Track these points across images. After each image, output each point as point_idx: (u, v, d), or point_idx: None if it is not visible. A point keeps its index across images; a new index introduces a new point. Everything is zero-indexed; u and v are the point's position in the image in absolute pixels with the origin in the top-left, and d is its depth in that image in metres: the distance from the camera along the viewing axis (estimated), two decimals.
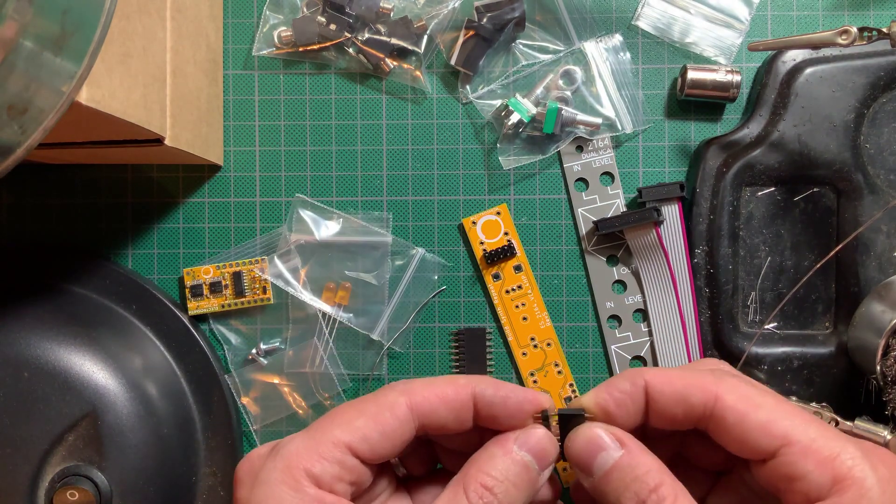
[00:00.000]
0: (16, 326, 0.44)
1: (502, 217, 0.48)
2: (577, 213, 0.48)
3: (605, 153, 0.48)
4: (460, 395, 0.33)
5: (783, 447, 0.30)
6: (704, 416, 0.32)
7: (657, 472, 0.31)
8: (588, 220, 0.48)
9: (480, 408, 0.33)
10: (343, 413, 0.32)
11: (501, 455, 0.32)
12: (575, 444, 0.33)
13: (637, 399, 0.33)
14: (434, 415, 0.33)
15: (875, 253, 0.45)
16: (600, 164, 0.48)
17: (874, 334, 0.43)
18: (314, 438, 0.32)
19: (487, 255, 0.48)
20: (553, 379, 0.48)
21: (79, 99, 0.31)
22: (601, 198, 0.48)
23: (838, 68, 0.45)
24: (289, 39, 0.48)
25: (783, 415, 0.31)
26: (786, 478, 0.30)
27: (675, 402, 0.32)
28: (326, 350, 0.48)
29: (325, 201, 0.49)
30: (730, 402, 0.31)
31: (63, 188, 0.49)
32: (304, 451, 0.31)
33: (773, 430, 0.30)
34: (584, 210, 0.48)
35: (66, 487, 0.42)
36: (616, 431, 0.32)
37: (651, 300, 0.47)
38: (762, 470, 0.31)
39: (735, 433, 0.31)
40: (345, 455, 0.31)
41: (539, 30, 0.48)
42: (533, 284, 0.48)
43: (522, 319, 0.48)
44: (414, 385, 0.33)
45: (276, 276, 0.48)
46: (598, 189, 0.48)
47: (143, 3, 0.37)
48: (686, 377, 0.32)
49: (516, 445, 0.33)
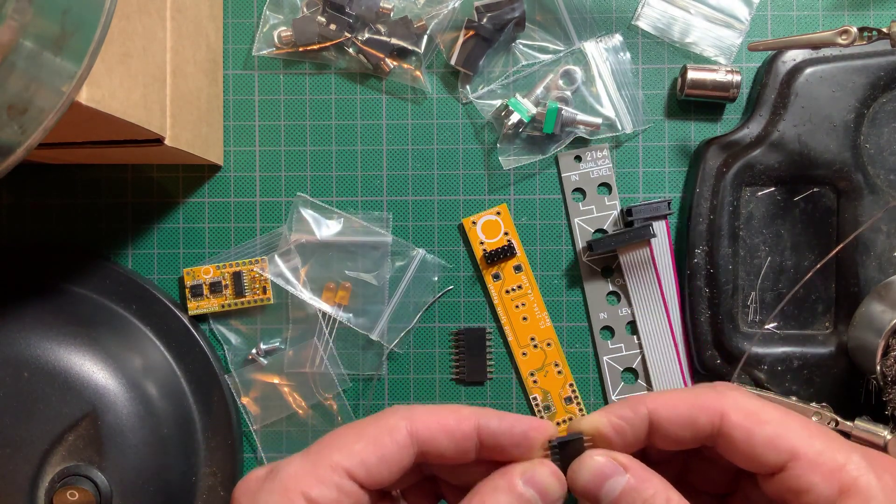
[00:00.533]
0: (16, 326, 0.44)
1: (502, 217, 0.48)
2: (573, 224, 0.48)
3: (604, 164, 0.48)
4: (462, 425, 0.33)
5: (790, 461, 0.30)
6: (712, 435, 0.32)
7: (664, 490, 0.31)
8: (585, 230, 0.48)
9: (484, 438, 0.33)
10: (342, 436, 0.32)
11: (505, 489, 0.32)
12: (580, 477, 0.33)
13: (638, 426, 0.33)
14: (434, 442, 0.32)
15: (875, 253, 0.45)
16: (598, 175, 0.48)
17: (874, 334, 0.43)
18: (312, 462, 0.31)
19: (487, 255, 0.48)
20: (553, 379, 0.48)
21: (79, 99, 0.31)
22: (598, 208, 0.48)
23: (838, 68, 0.45)
24: (289, 39, 0.48)
25: (789, 428, 0.31)
26: (793, 491, 0.30)
27: (681, 426, 0.32)
28: (326, 350, 0.48)
29: (325, 201, 0.49)
30: (736, 419, 0.31)
31: (63, 188, 0.49)
32: (303, 475, 0.31)
33: (779, 444, 0.31)
34: (581, 220, 0.48)
35: (66, 487, 0.42)
36: (618, 456, 0.32)
37: (641, 316, 0.48)
38: (770, 484, 0.31)
39: (743, 450, 0.31)
40: (343, 479, 0.31)
41: (539, 30, 0.48)
42: (533, 284, 0.48)
43: (522, 319, 0.48)
44: (416, 411, 0.33)
45: (276, 276, 0.48)
46: (595, 199, 0.48)
47: (143, 3, 0.37)
48: (689, 399, 0.32)
49: (521, 480, 0.32)
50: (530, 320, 0.48)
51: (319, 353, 0.48)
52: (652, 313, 0.48)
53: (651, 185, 0.48)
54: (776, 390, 0.45)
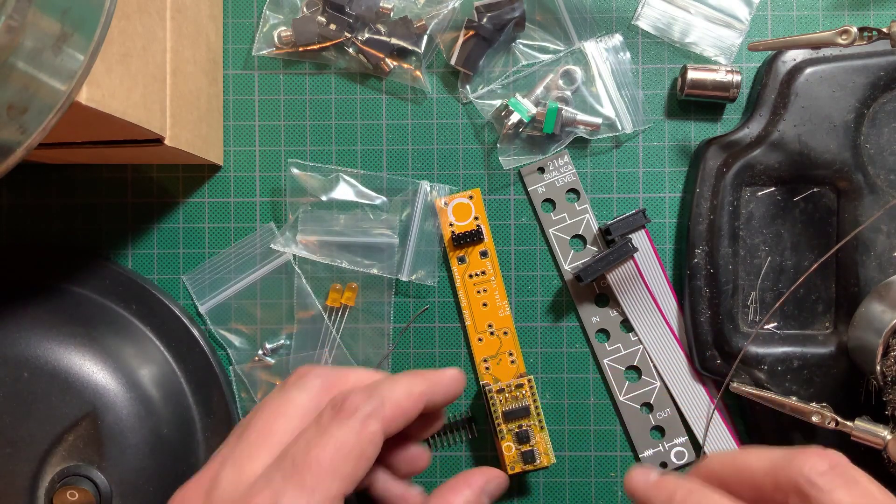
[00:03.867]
0: (16, 326, 0.44)
1: (474, 202, 0.48)
2: (549, 235, 0.48)
3: (567, 170, 0.48)
4: (418, 405, 0.34)
5: None
6: None
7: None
8: (562, 240, 0.48)
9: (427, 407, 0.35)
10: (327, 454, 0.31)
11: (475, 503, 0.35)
12: None
13: None
14: (394, 427, 0.34)
15: (875, 253, 0.45)
16: (564, 182, 0.48)
17: (874, 334, 0.43)
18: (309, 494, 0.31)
19: (455, 238, 0.48)
20: (506, 367, 0.48)
21: (79, 99, 0.31)
22: (570, 215, 0.48)
23: (838, 68, 0.45)
24: (289, 39, 0.48)
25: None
26: None
27: None
28: (332, 350, 0.48)
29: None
30: None
31: (63, 188, 0.49)
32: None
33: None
34: (556, 231, 0.48)
35: (66, 487, 0.42)
36: None
37: (638, 324, 0.48)
38: None
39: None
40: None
41: (539, 30, 0.48)
42: (497, 272, 0.48)
43: (482, 305, 0.48)
44: (384, 403, 0.33)
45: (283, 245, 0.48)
46: (565, 207, 0.48)
47: (143, 3, 0.37)
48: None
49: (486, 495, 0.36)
50: (490, 307, 0.48)
51: (326, 351, 0.48)
52: (649, 321, 0.48)
53: (651, 185, 0.48)
54: (776, 390, 0.45)
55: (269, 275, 0.48)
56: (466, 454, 0.49)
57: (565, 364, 0.49)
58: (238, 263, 0.48)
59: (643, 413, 0.48)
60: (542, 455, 0.46)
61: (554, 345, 0.48)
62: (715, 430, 0.47)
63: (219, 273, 0.48)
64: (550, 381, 0.48)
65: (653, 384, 0.48)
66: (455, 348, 0.49)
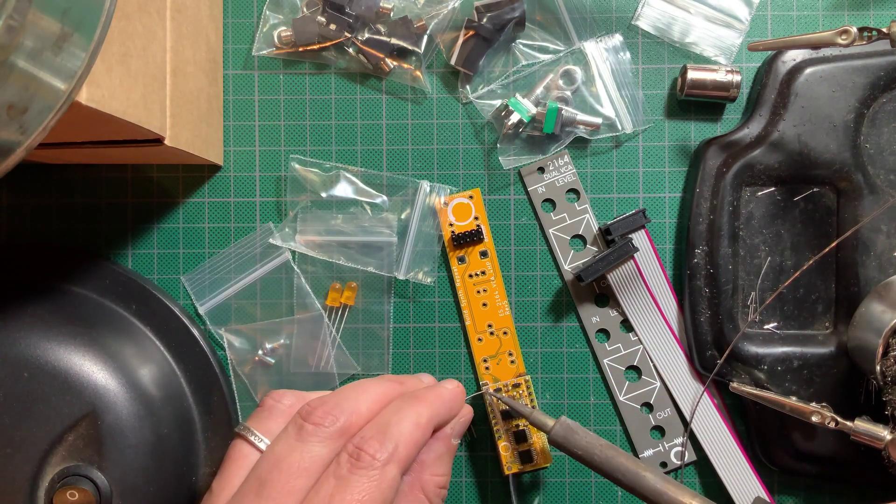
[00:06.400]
0: (16, 326, 0.44)
1: (474, 202, 0.48)
2: (549, 235, 0.48)
3: (567, 170, 0.48)
4: (427, 434, 0.36)
5: None
6: None
7: None
8: (562, 240, 0.48)
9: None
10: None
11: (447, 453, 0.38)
12: None
13: None
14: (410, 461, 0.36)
15: (875, 253, 0.45)
16: (564, 182, 0.48)
17: (874, 334, 0.43)
18: None
19: (455, 238, 0.48)
20: (505, 367, 0.48)
21: (79, 99, 0.31)
22: (570, 215, 0.48)
23: (838, 68, 0.45)
24: (289, 39, 0.48)
25: None
26: None
27: None
28: (334, 346, 0.48)
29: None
30: None
31: (63, 188, 0.49)
32: None
33: None
34: (556, 231, 0.48)
35: (66, 487, 0.42)
36: None
37: (639, 324, 0.48)
38: None
39: None
40: None
41: (539, 30, 0.48)
42: (497, 272, 0.48)
43: (482, 305, 0.48)
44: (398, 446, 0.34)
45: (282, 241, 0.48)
46: (565, 207, 0.48)
47: (143, 3, 0.37)
48: None
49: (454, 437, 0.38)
50: (490, 307, 0.48)
51: (326, 351, 0.48)
52: (649, 321, 0.48)
53: (651, 185, 0.48)
54: (776, 390, 0.45)
55: (269, 275, 0.48)
56: (466, 454, 0.49)
57: (565, 364, 0.49)
58: (238, 263, 0.48)
59: (643, 413, 0.48)
60: (539, 455, 0.46)
61: (554, 345, 0.49)
62: (715, 430, 0.47)
63: (218, 273, 0.48)
64: (550, 381, 0.49)
65: (653, 384, 0.48)
66: (455, 348, 0.49)
